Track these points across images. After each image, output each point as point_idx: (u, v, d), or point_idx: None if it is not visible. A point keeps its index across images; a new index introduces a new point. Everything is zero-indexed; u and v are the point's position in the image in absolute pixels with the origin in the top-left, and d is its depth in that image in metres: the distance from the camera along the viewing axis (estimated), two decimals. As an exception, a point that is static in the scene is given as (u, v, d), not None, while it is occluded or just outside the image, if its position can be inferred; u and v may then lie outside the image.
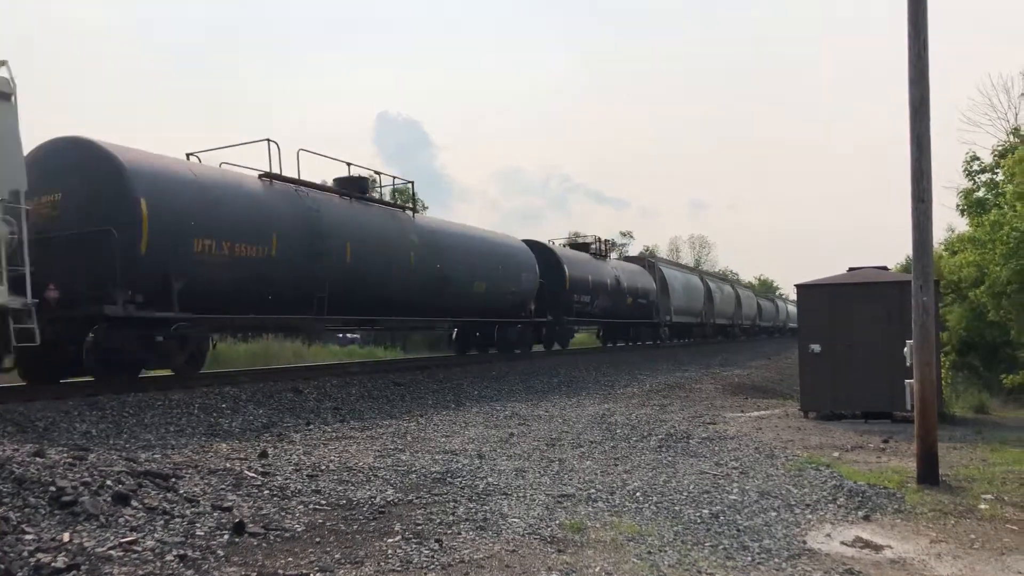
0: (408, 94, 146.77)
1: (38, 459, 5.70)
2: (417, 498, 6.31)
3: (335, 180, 17.00)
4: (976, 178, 24.46)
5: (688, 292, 38.69)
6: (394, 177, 19.49)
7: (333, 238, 14.73)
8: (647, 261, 36.76)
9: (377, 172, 18.68)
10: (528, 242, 24.56)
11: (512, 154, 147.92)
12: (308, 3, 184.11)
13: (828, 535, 5.64)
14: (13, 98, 9.64)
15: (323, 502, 6.06)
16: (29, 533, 4.44)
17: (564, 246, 28.50)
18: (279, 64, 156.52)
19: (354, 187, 16.69)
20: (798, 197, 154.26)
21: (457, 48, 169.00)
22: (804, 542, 5.44)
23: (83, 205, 11.14)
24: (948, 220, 47.61)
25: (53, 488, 5.12)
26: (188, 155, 13.88)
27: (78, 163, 11.41)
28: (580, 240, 33.27)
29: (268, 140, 14.27)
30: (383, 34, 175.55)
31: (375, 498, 6.24)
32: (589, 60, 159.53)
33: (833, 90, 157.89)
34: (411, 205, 19.25)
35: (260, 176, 14.15)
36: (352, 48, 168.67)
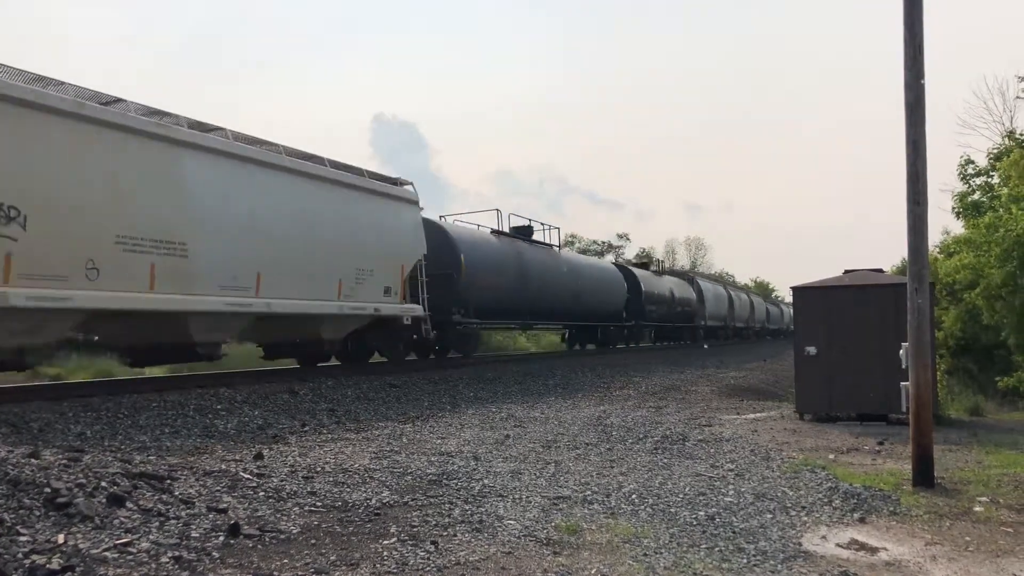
0: (403, 96, 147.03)
1: (33, 460, 5.68)
2: (413, 500, 6.31)
3: (512, 228, 24.44)
4: (971, 181, 24.52)
5: (717, 301, 45.87)
6: (542, 223, 26.57)
7: (529, 272, 22.95)
8: (688, 275, 45.65)
9: (532, 220, 25.56)
10: (616, 264, 35.98)
11: (506, 156, 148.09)
12: (305, 4, 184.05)
13: (823, 537, 5.65)
14: (420, 203, 17.61)
15: (319, 504, 6.05)
16: (24, 534, 4.43)
17: (635, 266, 38.64)
18: (275, 64, 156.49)
19: (527, 234, 24.68)
20: (793, 200, 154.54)
21: (452, 50, 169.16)
22: (800, 544, 5.44)
23: (436, 259, 18.38)
24: (943, 223, 47.77)
25: (48, 489, 5.10)
26: (440, 216, 21.94)
27: (432, 235, 18.55)
28: (643, 259, 47.41)
29: (497, 210, 23.40)
30: (379, 35, 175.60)
31: (371, 500, 6.23)
32: (583, 62, 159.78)
33: (828, 92, 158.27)
34: (559, 243, 27.32)
35: (491, 231, 22.78)
36: (349, 49, 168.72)
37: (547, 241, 25.95)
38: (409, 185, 17.77)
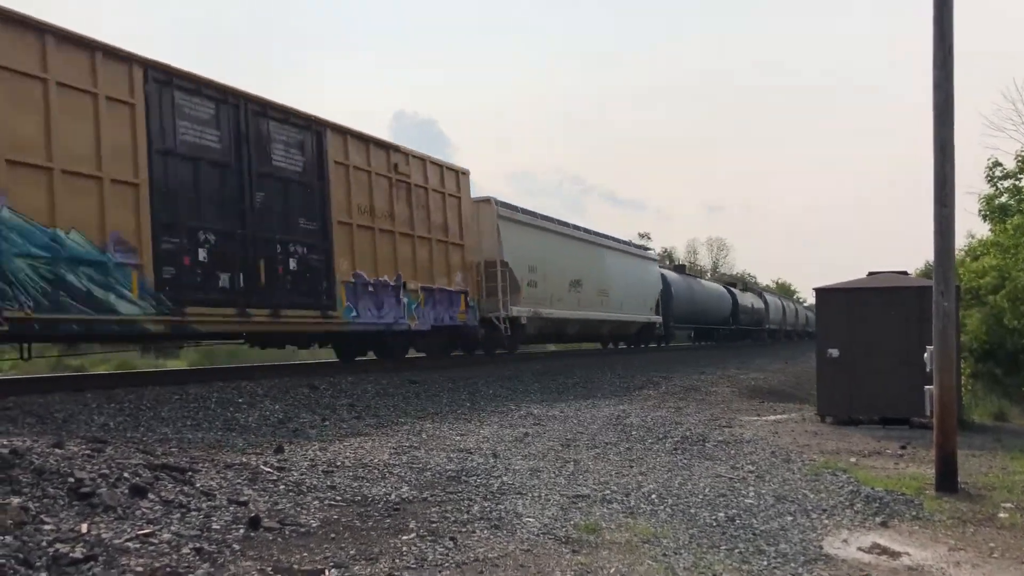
0: (423, 93, 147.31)
1: (57, 450, 5.74)
2: (432, 496, 6.32)
3: (674, 267, 42.28)
4: (999, 184, 24.21)
5: (778, 309, 56.83)
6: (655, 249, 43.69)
7: (695, 295, 38.10)
8: (758, 290, 58.68)
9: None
10: (723, 283, 49.12)
11: (526, 154, 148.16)
12: (327, 1, 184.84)
13: (845, 541, 5.60)
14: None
15: (338, 498, 6.07)
16: (48, 523, 4.47)
17: (735, 286, 49.68)
18: (297, 60, 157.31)
19: (682, 270, 40.79)
20: (816, 201, 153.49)
21: (472, 47, 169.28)
22: (820, 547, 5.40)
23: (663, 291, 33.47)
24: (967, 226, 47.20)
25: (71, 479, 5.16)
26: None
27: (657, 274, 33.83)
28: (728, 277, 68.26)
29: (666, 249, 48.28)
30: (400, 33, 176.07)
31: (390, 495, 6.24)
32: (602, 61, 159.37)
33: (850, 92, 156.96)
34: (683, 266, 47.21)
35: (672, 268, 40.26)
36: (369, 48, 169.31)
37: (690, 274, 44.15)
38: (652, 251, 35.14)
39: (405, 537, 5.14)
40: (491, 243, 19.57)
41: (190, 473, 6.03)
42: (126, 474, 5.53)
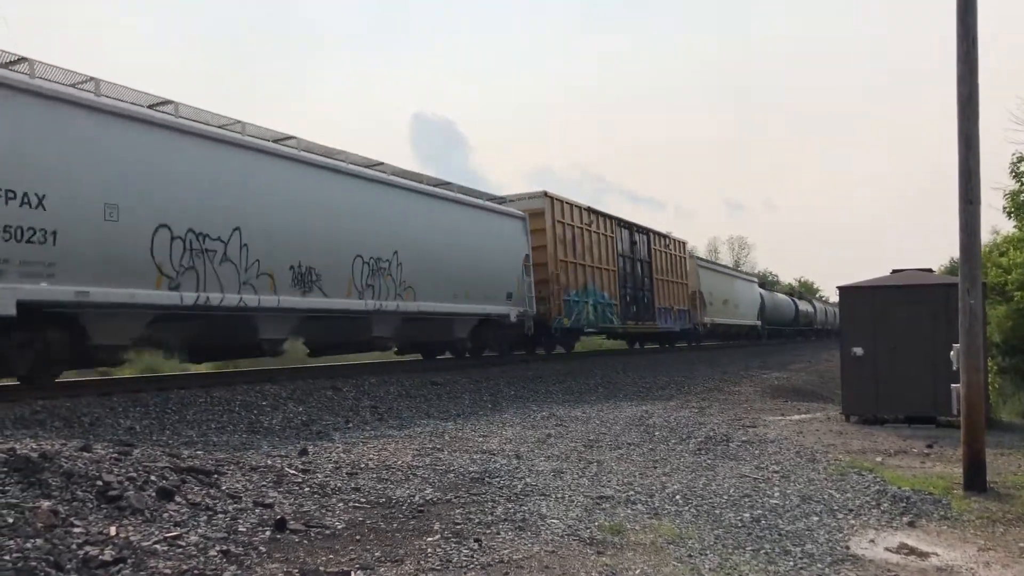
0: (442, 94, 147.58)
1: (85, 454, 5.80)
2: (456, 497, 6.32)
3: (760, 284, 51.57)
4: (1023, 179, 23.85)
5: (822, 311, 64.89)
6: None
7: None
8: (801, 294, 68.00)
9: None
10: (786, 293, 60.37)
11: (545, 153, 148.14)
12: (349, 2, 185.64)
13: (872, 541, 5.56)
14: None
15: (363, 500, 6.09)
16: (77, 526, 4.52)
17: (801, 297, 62.69)
18: (316, 61, 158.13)
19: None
20: (838, 198, 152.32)
21: (490, 47, 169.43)
22: (847, 547, 5.36)
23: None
24: (992, 222, 46.56)
25: (100, 482, 5.21)
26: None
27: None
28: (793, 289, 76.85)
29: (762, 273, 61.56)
30: (418, 34, 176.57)
31: (414, 497, 6.26)
32: (622, 59, 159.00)
33: (873, 86, 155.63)
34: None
35: (760, 283, 50.27)
36: (389, 48, 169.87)
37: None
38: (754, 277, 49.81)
39: (430, 539, 5.15)
40: (694, 280, 33.12)
41: (216, 476, 6.08)
42: (153, 477, 5.58)
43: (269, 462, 7.04)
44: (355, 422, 10.40)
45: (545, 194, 21.03)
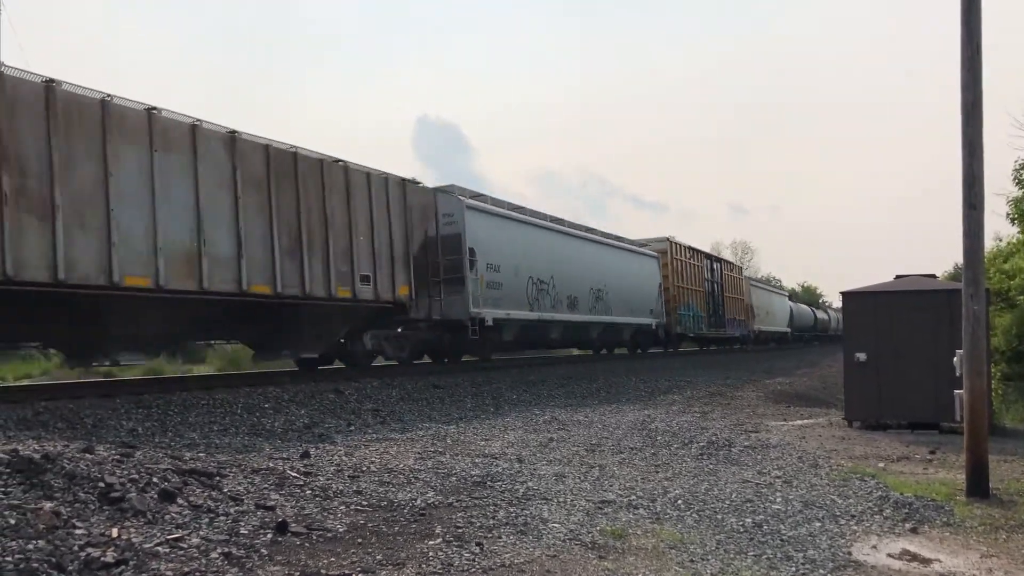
0: (445, 97, 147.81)
1: (87, 455, 5.80)
2: (457, 501, 6.32)
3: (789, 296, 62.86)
4: (1027, 185, 23.79)
5: (835, 318, 67.62)
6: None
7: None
8: (817, 304, 76.94)
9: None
10: (805, 303, 69.39)
11: (549, 157, 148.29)
12: (350, 4, 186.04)
13: (874, 547, 5.54)
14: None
15: (364, 503, 6.09)
16: (79, 528, 4.52)
17: (817, 307, 71.90)
18: (318, 65, 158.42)
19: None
20: (841, 203, 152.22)
21: (492, 50, 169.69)
22: (849, 553, 5.35)
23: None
24: (995, 228, 46.47)
25: (102, 484, 5.21)
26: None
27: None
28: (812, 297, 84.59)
29: (790, 290, 70.74)
30: (421, 36, 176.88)
31: (416, 500, 6.26)
32: (626, 61, 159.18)
33: (876, 92, 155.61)
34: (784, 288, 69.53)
35: (788, 296, 60.94)
36: (392, 50, 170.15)
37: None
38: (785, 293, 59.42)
39: (431, 542, 5.15)
40: (747, 296, 41.06)
41: (218, 478, 6.08)
42: (155, 479, 5.58)
43: (271, 464, 7.04)
44: (357, 425, 10.40)
45: (668, 240, 32.00)
